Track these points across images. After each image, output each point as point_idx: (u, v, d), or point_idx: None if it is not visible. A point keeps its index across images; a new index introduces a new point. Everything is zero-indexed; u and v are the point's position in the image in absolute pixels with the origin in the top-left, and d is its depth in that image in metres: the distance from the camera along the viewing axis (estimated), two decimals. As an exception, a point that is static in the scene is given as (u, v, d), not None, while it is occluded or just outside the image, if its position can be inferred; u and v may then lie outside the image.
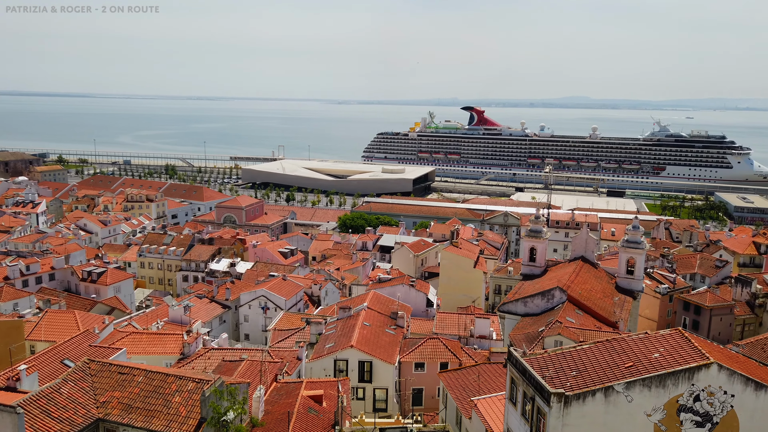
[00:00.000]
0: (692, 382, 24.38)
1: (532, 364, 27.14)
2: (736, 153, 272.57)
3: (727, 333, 74.83)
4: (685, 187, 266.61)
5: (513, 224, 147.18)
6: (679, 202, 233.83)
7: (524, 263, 73.99)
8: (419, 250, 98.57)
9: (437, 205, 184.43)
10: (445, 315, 61.87)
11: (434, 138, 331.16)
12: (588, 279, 67.63)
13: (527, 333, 56.48)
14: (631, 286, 68.99)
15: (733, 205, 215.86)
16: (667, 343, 27.07)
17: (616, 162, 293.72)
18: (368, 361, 46.44)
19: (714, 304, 75.14)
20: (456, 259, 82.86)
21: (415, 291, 67.17)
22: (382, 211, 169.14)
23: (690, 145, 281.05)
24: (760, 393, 24.91)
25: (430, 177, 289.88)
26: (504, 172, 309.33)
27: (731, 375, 24.65)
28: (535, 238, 72.44)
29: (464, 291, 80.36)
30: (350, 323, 51.67)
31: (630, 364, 25.80)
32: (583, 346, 28.70)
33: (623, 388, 24.23)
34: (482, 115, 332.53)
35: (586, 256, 72.71)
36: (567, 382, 25.24)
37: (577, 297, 61.20)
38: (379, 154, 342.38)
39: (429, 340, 51.13)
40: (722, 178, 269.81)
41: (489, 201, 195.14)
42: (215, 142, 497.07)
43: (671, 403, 24.45)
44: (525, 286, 68.60)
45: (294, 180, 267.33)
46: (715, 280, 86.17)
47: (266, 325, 71.19)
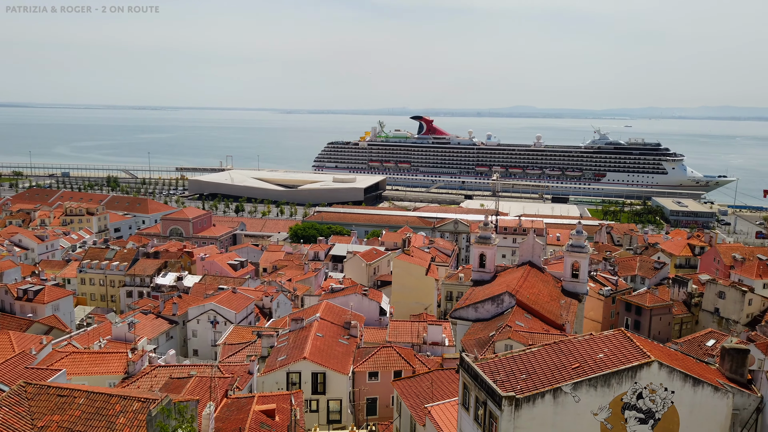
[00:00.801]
0: (635, 381, 25.31)
1: (483, 368, 27.54)
2: (670, 159, 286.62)
3: (666, 332, 78.21)
4: (625, 192, 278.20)
5: (463, 231, 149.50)
6: (619, 207, 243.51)
7: (474, 269, 75.13)
8: (371, 259, 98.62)
9: (389, 213, 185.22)
10: (398, 323, 62.03)
11: (385, 147, 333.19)
12: (535, 283, 69.32)
13: (478, 338, 57.29)
14: (576, 289, 71.19)
15: (669, 209, 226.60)
16: (611, 344, 28.05)
17: (560, 169, 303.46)
18: (321, 373, 45.97)
19: (653, 305, 78.43)
20: (408, 267, 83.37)
21: (368, 300, 67.07)
22: (334, 220, 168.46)
23: (628, 152, 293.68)
24: (697, 388, 26.10)
25: (381, 186, 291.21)
26: (453, 180, 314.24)
27: (671, 372, 25.73)
28: (484, 245, 73.73)
29: (417, 298, 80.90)
30: (303, 335, 51.04)
31: (576, 365, 26.56)
32: (532, 349, 29.37)
33: (571, 389, 24.90)
34: (431, 125, 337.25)
35: (533, 261, 74.54)
36: (517, 386, 25.74)
37: (526, 301, 62.61)
38: (330, 163, 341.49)
39: (382, 349, 51.10)
40: (658, 184, 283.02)
41: (439, 209, 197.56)
42: (160, 152, 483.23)
43: (616, 402, 25.29)
44: (476, 292, 69.62)
45: (243, 191, 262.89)
46: (654, 281, 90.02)
47: (216, 339, 69.38)
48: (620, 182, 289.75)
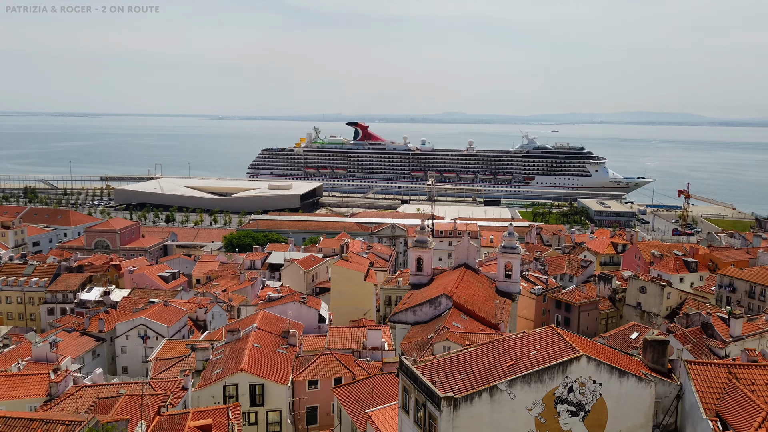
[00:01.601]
0: (566, 375, 26.35)
1: (422, 371, 27.87)
2: (593, 162, 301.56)
3: (593, 327, 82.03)
4: (552, 194, 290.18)
5: (400, 236, 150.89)
6: (548, 208, 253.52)
7: (412, 273, 75.93)
8: (309, 266, 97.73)
9: (326, 219, 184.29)
10: (338, 329, 61.74)
11: (321, 153, 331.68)
12: (471, 285, 70.93)
13: (417, 341, 57.92)
14: (510, 289, 73.41)
15: (593, 210, 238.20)
16: (543, 340, 29.10)
17: (492, 173, 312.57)
18: (260, 384, 45.00)
19: (581, 301, 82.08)
20: (346, 273, 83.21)
21: (307, 308, 66.40)
22: (270, 228, 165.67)
23: (554, 156, 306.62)
24: (623, 379, 27.50)
25: (318, 192, 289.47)
26: (390, 185, 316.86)
27: (599, 365, 26.98)
28: (421, 249, 74.68)
29: (356, 304, 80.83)
30: (239, 346, 49.81)
31: (511, 362, 27.37)
32: (469, 349, 30.02)
33: (506, 387, 25.62)
34: (367, 131, 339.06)
35: (468, 263, 76.24)
36: (455, 386, 26.21)
37: (462, 302, 63.93)
38: (265, 170, 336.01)
39: (322, 357, 50.70)
40: (583, 186, 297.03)
41: (376, 214, 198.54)
42: (83, 161, 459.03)
43: (549, 396, 26.24)
44: (414, 296, 70.36)
45: (174, 199, 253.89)
46: (581, 279, 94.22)
47: (147, 355, 66.48)
48: (548, 185, 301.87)
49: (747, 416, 26.87)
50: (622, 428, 27.31)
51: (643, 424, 27.72)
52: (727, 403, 28.23)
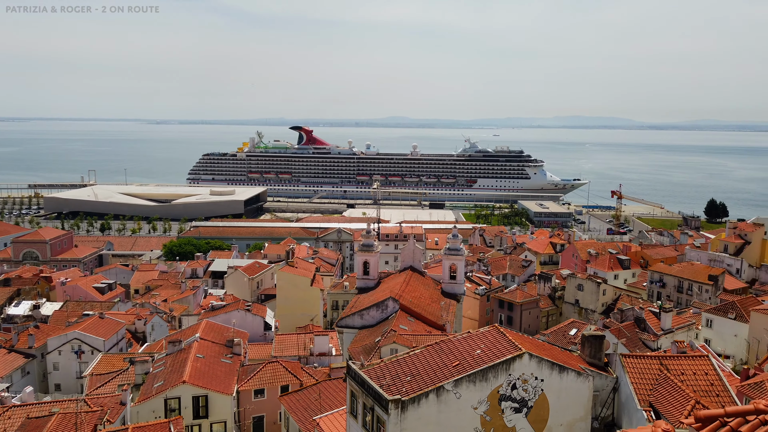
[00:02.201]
0: (509, 373, 27.03)
1: (369, 374, 27.90)
2: (532, 165, 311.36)
3: (535, 324, 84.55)
4: (494, 197, 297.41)
5: (346, 240, 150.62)
6: (490, 210, 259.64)
7: (359, 277, 75.95)
8: (254, 273, 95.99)
9: (271, 225, 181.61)
10: (284, 336, 60.93)
11: (264, 158, 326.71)
12: (417, 287, 71.64)
13: (365, 345, 57.91)
14: (455, 290, 74.63)
15: (533, 211, 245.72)
16: (487, 340, 29.75)
17: (436, 176, 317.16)
18: (203, 395, 43.77)
19: (523, 300, 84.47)
20: (292, 279, 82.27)
21: (252, 315, 65.17)
22: (213, 235, 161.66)
23: (495, 159, 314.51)
24: (563, 375, 28.47)
25: (262, 197, 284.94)
26: (335, 189, 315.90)
27: (540, 362, 27.83)
28: (367, 252, 74.82)
29: (302, 310, 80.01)
30: (181, 357, 48.29)
31: (457, 362, 27.83)
32: (416, 351, 30.30)
33: (452, 387, 26.01)
34: (311, 135, 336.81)
35: (414, 266, 76.97)
36: (403, 388, 26.39)
37: (409, 305, 64.45)
38: (206, 176, 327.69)
39: (268, 365, 49.88)
40: (523, 188, 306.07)
41: (322, 218, 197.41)
42: (8, 168, 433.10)
43: (493, 394, 26.83)
44: (361, 299, 70.37)
45: (109, 207, 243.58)
46: (522, 278, 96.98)
47: (81, 371, 63.34)
48: (490, 187, 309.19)
49: (678, 405, 28.40)
50: (562, 422, 28.25)
51: (582, 416, 28.77)
52: (660, 393, 29.74)
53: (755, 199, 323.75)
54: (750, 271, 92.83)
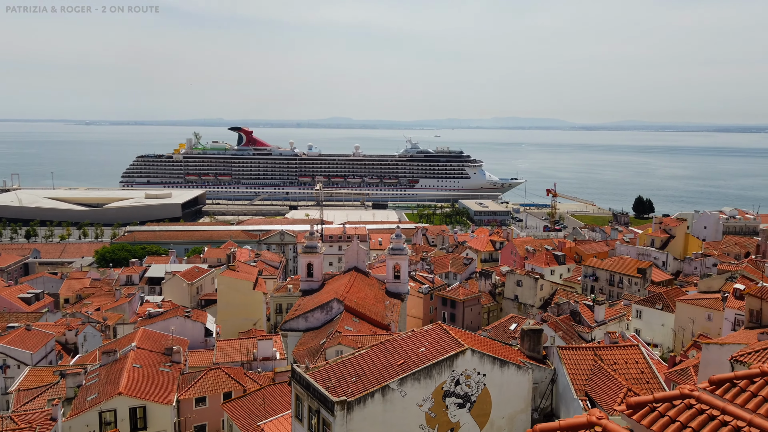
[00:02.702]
0: (452, 369, 27.52)
1: (315, 377, 27.71)
2: (471, 165, 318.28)
3: (477, 320, 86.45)
4: (436, 196, 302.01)
5: (289, 242, 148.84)
6: (432, 210, 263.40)
7: (303, 279, 75.21)
8: (193, 278, 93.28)
9: (210, 229, 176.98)
10: (226, 342, 59.58)
11: (202, 159, 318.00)
12: (362, 287, 71.71)
13: (310, 347, 57.43)
14: (399, 290, 75.22)
15: (473, 210, 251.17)
16: (431, 337, 30.18)
17: (378, 177, 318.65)
18: (141, 407, 42.13)
19: (465, 297, 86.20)
20: (234, 283, 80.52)
21: (192, 322, 63.31)
22: (149, 240, 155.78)
23: (436, 159, 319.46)
24: (504, 368, 29.27)
25: (201, 200, 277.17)
26: (277, 191, 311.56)
27: (482, 357, 28.49)
28: (311, 254, 74.20)
29: (245, 314, 78.46)
30: (116, 368, 46.29)
31: (401, 361, 28.07)
32: (361, 351, 30.35)
33: (397, 385, 26.22)
34: (251, 136, 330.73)
35: (358, 266, 77.00)
36: (348, 389, 26.37)
37: (353, 306, 64.41)
38: (140, 178, 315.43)
39: (210, 372, 48.61)
40: (463, 188, 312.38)
41: (264, 221, 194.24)
42: None
43: (438, 391, 27.24)
44: (305, 302, 69.72)
45: (35, 213, 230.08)
46: (464, 276, 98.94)
47: (7, 386, 59.52)
48: (431, 187, 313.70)
49: (611, 393, 29.79)
50: (504, 415, 29.03)
51: (523, 408, 29.67)
52: (594, 383, 31.09)
53: (678, 195, 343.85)
54: (675, 264, 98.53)
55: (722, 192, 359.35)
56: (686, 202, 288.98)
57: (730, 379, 10.10)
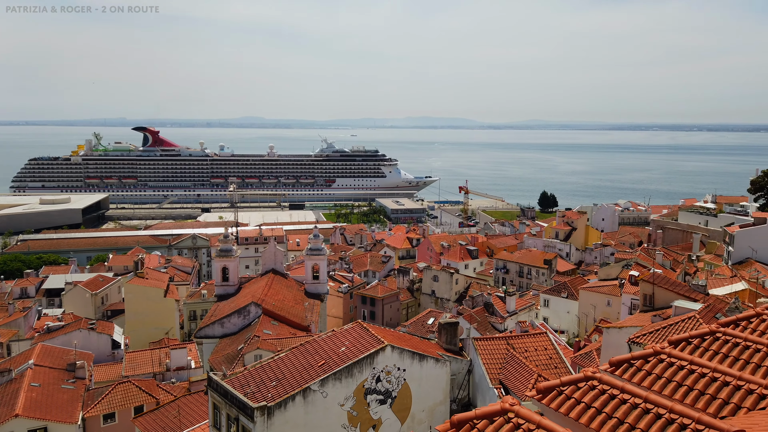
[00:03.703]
0: (373, 366, 27.80)
1: (233, 384, 26.99)
2: (387, 164, 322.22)
3: (396, 317, 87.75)
4: (353, 195, 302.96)
5: (203, 246, 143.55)
6: (350, 209, 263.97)
7: (218, 284, 72.96)
8: (97, 288, 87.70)
9: (115, 235, 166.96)
10: (136, 354, 56.57)
11: (104, 162, 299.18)
12: (280, 290, 70.62)
13: (227, 354, 55.78)
14: (318, 290, 74.85)
15: (390, 209, 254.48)
16: (351, 336, 30.30)
17: (294, 177, 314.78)
18: (41, 428, 39.09)
19: (384, 294, 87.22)
20: (143, 291, 76.62)
21: (97, 334, 59.57)
22: (46, 248, 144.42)
23: (352, 159, 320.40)
24: (423, 362, 29.95)
25: (104, 205, 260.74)
26: (188, 193, 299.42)
27: (401, 352, 28.99)
28: (226, 258, 72.10)
29: (156, 324, 74.92)
30: (12, 388, 42.64)
31: (322, 362, 27.98)
32: (280, 354, 29.91)
33: (318, 386, 26.12)
34: (157, 136, 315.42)
35: (276, 268, 75.78)
36: (268, 394, 25.92)
37: (272, 309, 63.30)
38: (34, 183, 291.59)
39: (118, 386, 45.94)
40: (379, 186, 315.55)
41: (175, 225, 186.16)
42: None
43: (359, 389, 27.41)
44: (221, 307, 67.66)
45: None
46: (383, 274, 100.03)
47: None
48: (348, 187, 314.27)
49: (523, 380, 31.30)
50: (424, 408, 29.71)
51: (442, 400, 30.51)
52: (508, 371, 32.54)
53: (578, 189, 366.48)
54: (577, 254, 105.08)
55: (617, 186, 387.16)
56: (586, 196, 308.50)
57: (627, 360, 10.96)
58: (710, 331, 11.95)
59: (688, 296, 45.40)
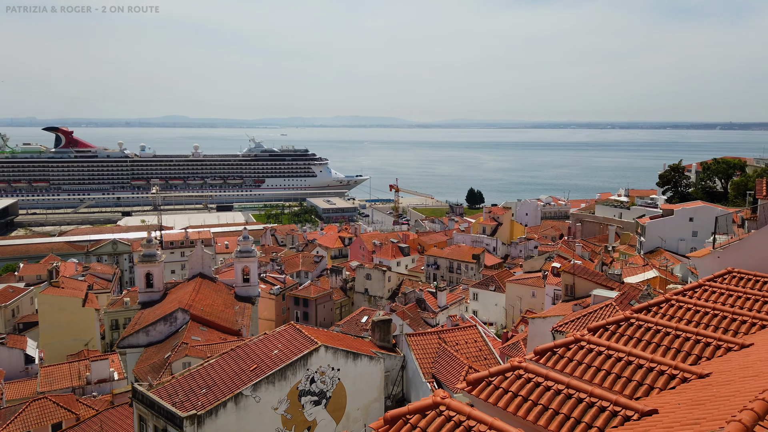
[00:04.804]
0: (307, 368, 27.59)
1: (160, 394, 25.95)
2: (317, 163, 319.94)
3: (330, 317, 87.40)
4: (283, 196, 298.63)
5: (124, 251, 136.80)
6: (280, 209, 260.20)
7: (141, 291, 69.80)
8: (7, 300, 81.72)
9: (26, 242, 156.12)
10: (53, 368, 53.12)
11: (12, 165, 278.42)
12: (209, 294, 68.53)
13: (153, 363, 53.53)
14: (249, 293, 73.22)
15: (321, 208, 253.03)
16: (284, 338, 29.90)
17: (221, 178, 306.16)
18: (-55, 456, 35.96)
19: (317, 295, 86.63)
20: (58, 302, 72.07)
21: (7, 349, 55.55)
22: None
23: (282, 158, 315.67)
24: (357, 361, 30.04)
25: (12, 210, 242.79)
26: (106, 197, 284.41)
27: (335, 352, 28.95)
28: (149, 263, 69.09)
29: (74, 335, 70.72)
30: None
31: (255, 366, 27.43)
32: (210, 361, 29.06)
33: (251, 391, 25.60)
34: (71, 137, 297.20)
35: (204, 272, 73.48)
36: (198, 402, 25.12)
37: (200, 314, 61.34)
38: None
39: (33, 403, 42.99)
40: (310, 186, 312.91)
41: (93, 230, 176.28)
42: None
43: (293, 392, 27.11)
44: (146, 315, 64.83)
45: None
46: (316, 274, 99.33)
47: None
48: (278, 187, 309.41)
49: (455, 373, 32.04)
50: (359, 406, 29.82)
51: (376, 398, 30.73)
52: (440, 365, 33.20)
53: (503, 186, 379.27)
54: (503, 248, 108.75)
55: (538, 182, 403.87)
56: (510, 192, 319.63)
57: (550, 349, 11.47)
58: (625, 317, 12.73)
59: (606, 285, 48.09)
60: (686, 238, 75.01)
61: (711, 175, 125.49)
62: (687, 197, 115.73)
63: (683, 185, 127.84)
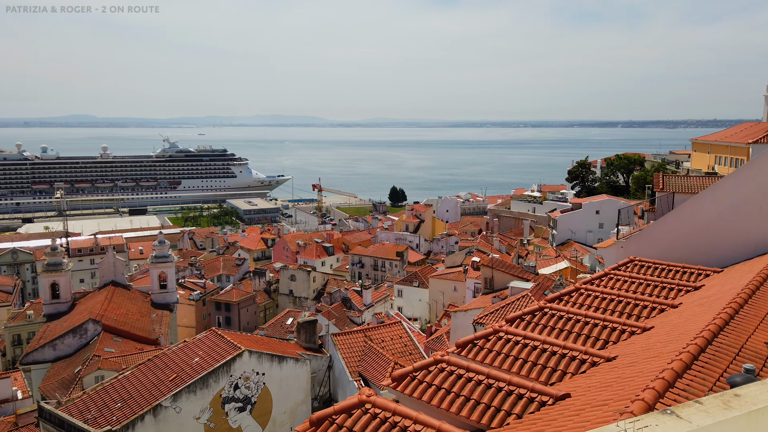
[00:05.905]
0: (230, 374, 26.84)
1: (70, 411, 24.34)
2: (237, 164, 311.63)
3: (253, 321, 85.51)
4: (201, 197, 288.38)
5: (26, 261, 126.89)
6: (198, 212, 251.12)
7: (46, 302, 65.14)
8: None
9: None
10: (-57, 392, 48.32)
11: None
12: (122, 303, 65.10)
13: (62, 379, 50.13)
14: (167, 300, 70.21)
15: (242, 209, 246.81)
16: (205, 345, 28.92)
17: (134, 180, 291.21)
18: None
19: (240, 299, 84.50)
20: (-52, 319, 65.64)
21: None
22: None
23: (199, 159, 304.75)
24: (282, 363, 29.58)
25: None
26: (4, 202, 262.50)
27: (260, 356, 28.35)
28: (55, 272, 64.57)
29: (-32, 354, 64.71)
30: None
31: (174, 376, 26.34)
32: (125, 373, 27.61)
33: (170, 402, 24.57)
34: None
35: (116, 280, 69.71)
36: (113, 417, 23.80)
37: (114, 324, 58.17)
38: None
39: None
40: (230, 187, 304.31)
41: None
42: None
43: (216, 399, 26.30)
44: (52, 328, 60.57)
45: None
46: (238, 277, 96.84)
47: None
48: (196, 188, 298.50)
49: (381, 370, 32.33)
50: (285, 409, 29.41)
51: (303, 399, 30.44)
52: (366, 362, 33.38)
53: (425, 184, 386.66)
54: (426, 245, 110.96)
55: (457, 179, 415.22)
56: (431, 189, 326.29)
57: (471, 341, 11.84)
58: (539, 307, 13.36)
59: (522, 277, 50.28)
60: (594, 230, 79.94)
61: (614, 170, 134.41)
62: (593, 191, 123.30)
63: (590, 180, 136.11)
